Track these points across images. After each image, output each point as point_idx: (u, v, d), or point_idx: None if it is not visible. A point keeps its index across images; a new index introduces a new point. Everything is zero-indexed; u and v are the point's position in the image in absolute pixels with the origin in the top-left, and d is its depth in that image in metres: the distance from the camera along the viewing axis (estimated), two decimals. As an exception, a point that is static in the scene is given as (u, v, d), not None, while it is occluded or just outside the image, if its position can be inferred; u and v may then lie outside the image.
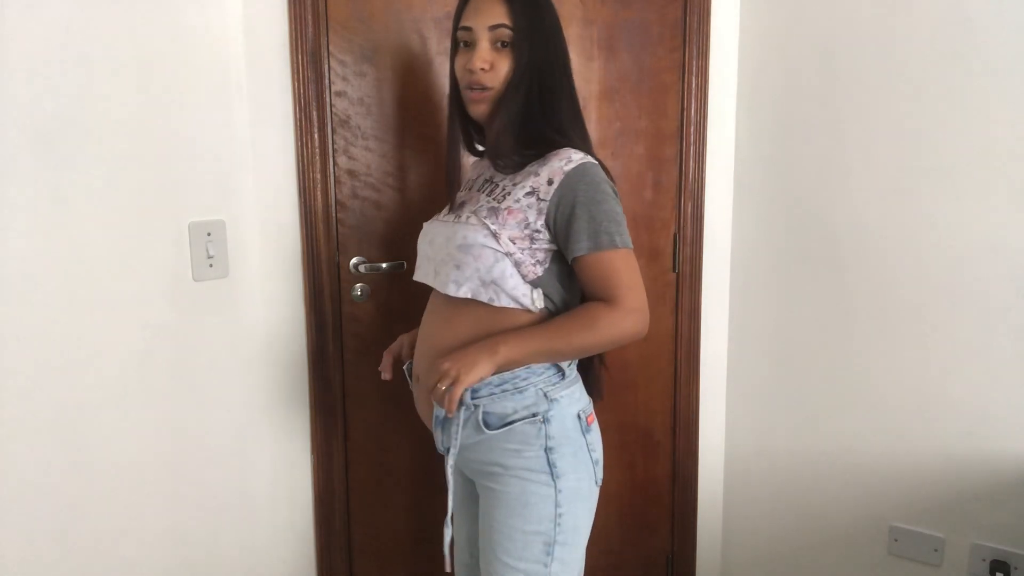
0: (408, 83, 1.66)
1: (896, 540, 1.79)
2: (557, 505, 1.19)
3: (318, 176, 1.60)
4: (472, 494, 1.31)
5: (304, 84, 1.56)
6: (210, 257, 1.48)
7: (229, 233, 1.51)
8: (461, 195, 1.29)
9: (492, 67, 1.17)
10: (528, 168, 1.19)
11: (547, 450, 1.17)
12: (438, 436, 1.22)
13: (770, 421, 1.97)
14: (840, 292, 1.80)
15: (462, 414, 1.16)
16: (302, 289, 1.64)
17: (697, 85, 1.85)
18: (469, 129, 1.30)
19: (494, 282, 1.14)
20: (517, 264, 1.15)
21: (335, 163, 1.62)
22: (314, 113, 1.57)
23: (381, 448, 1.76)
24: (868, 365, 1.78)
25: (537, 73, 1.19)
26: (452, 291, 1.16)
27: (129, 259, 1.36)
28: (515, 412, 1.16)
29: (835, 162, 1.77)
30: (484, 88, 1.18)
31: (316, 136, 1.58)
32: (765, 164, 1.89)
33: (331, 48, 1.58)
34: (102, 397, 1.35)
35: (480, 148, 1.33)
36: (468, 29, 1.18)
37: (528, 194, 1.15)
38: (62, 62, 1.25)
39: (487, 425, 1.17)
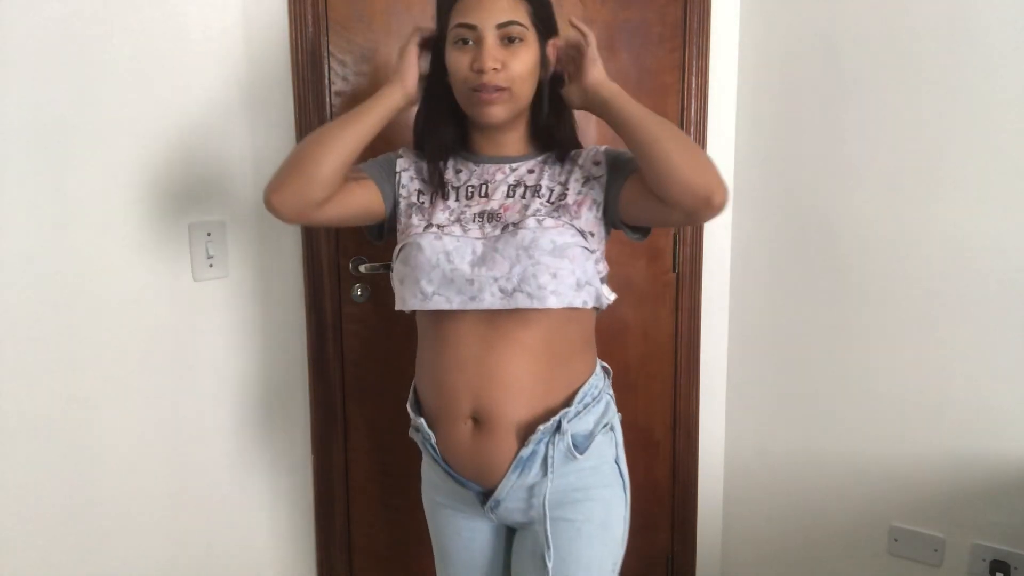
0: (408, 83, 1.66)
1: (896, 540, 1.79)
2: (625, 520, 1.17)
3: (318, 176, 1.60)
4: (499, 547, 1.21)
5: (304, 84, 1.56)
6: (210, 257, 1.48)
7: (229, 233, 1.51)
8: (470, 203, 1.15)
9: (504, 66, 1.08)
10: (562, 166, 1.17)
11: (616, 459, 1.14)
12: (510, 482, 1.09)
13: (770, 421, 1.97)
14: (840, 292, 1.80)
15: (555, 444, 1.07)
16: (302, 289, 1.64)
17: (697, 85, 1.85)
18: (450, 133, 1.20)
19: (588, 283, 1.09)
20: (596, 261, 1.13)
21: (335, 163, 1.62)
22: (314, 113, 1.57)
23: (381, 448, 1.76)
24: (868, 365, 1.78)
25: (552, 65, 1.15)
26: (553, 303, 1.05)
27: (129, 259, 1.36)
28: (595, 426, 1.11)
29: (835, 162, 1.77)
30: (498, 89, 1.08)
31: (316, 136, 1.58)
32: (765, 164, 1.89)
33: (331, 48, 1.58)
34: (102, 397, 1.35)
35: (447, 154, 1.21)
36: (471, 27, 1.08)
37: (586, 182, 1.14)
38: (62, 62, 1.25)
39: (577, 448, 1.09)
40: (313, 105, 1.57)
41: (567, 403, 1.10)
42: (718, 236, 1.96)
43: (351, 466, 1.75)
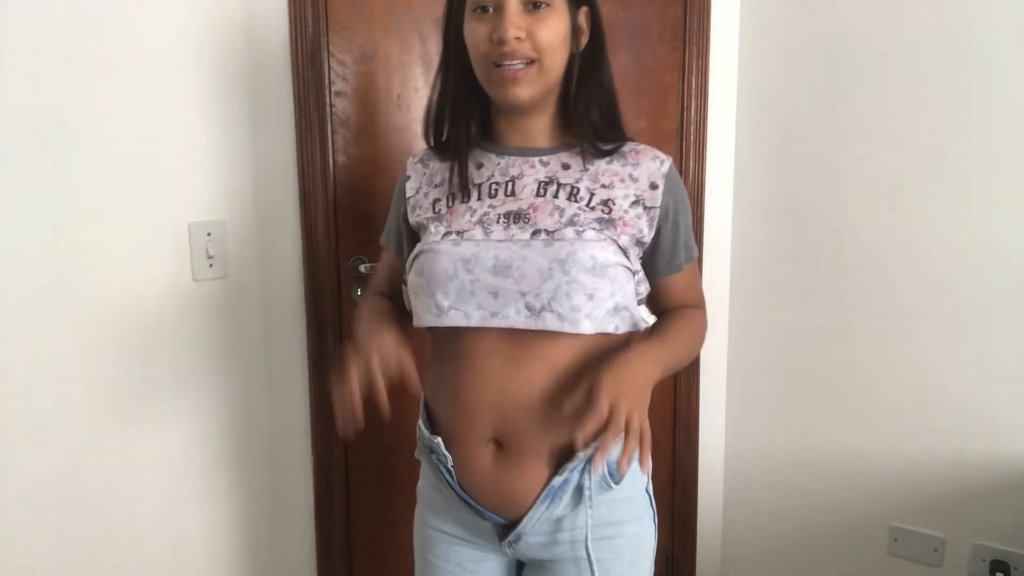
0: (408, 83, 1.66)
1: (896, 540, 1.79)
2: (653, 551, 1.08)
3: (318, 176, 1.60)
4: None
5: (304, 84, 1.56)
6: (210, 257, 1.48)
7: (229, 233, 1.51)
8: (494, 203, 0.99)
9: (528, 35, 0.92)
10: (606, 166, 1.00)
11: (647, 488, 1.04)
12: (537, 514, 0.96)
13: (770, 421, 1.97)
14: (840, 292, 1.80)
15: (591, 472, 0.94)
16: (302, 289, 1.64)
17: (697, 85, 1.85)
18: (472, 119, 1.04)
19: (626, 307, 0.96)
20: (638, 283, 0.99)
21: (335, 163, 1.62)
22: (314, 113, 1.57)
23: (381, 448, 1.76)
24: (868, 365, 1.78)
25: (590, 35, 1.01)
26: (586, 328, 0.91)
27: (129, 259, 1.36)
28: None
29: (835, 162, 1.77)
30: (525, 62, 0.93)
31: (316, 136, 1.58)
32: (765, 164, 1.89)
33: (331, 48, 1.58)
34: (102, 397, 1.35)
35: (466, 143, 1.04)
36: None
37: (634, 203, 0.98)
38: (62, 62, 1.25)
39: (612, 477, 0.97)
40: (313, 105, 1.57)
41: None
42: (718, 236, 1.96)
43: (351, 466, 1.75)
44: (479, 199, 1.00)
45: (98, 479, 1.36)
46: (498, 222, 0.97)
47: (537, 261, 0.92)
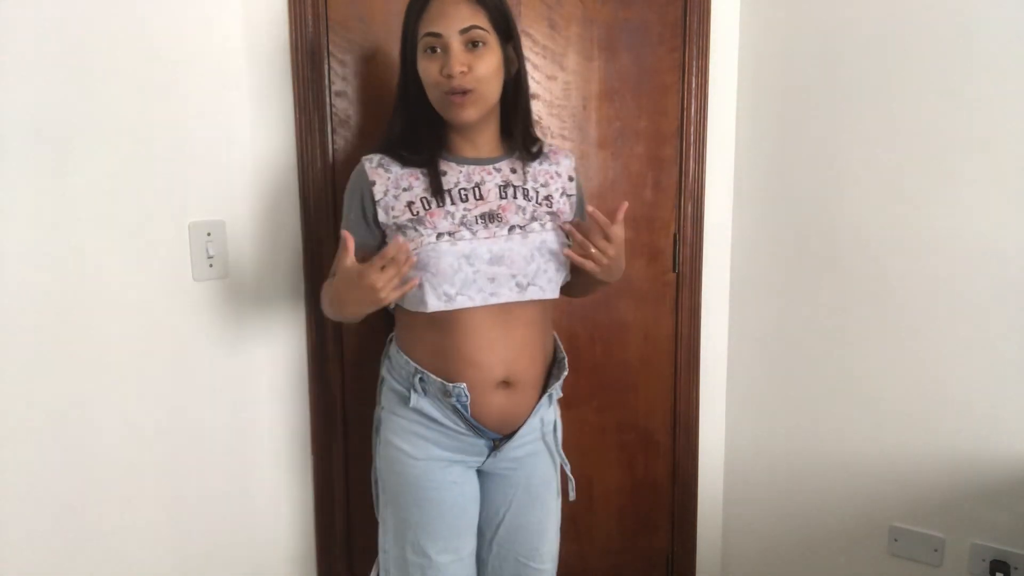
0: (408, 83, 1.66)
1: (896, 540, 1.79)
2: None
3: (318, 176, 1.60)
4: (477, 490, 1.39)
5: (304, 84, 1.56)
6: (210, 257, 1.48)
7: (229, 233, 1.51)
8: (468, 207, 1.25)
9: (470, 69, 1.18)
10: (538, 167, 1.33)
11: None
12: (531, 424, 1.33)
13: (770, 421, 1.97)
14: (840, 292, 1.80)
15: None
16: (302, 289, 1.64)
17: (697, 85, 1.85)
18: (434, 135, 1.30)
19: (564, 274, 1.33)
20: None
21: (335, 163, 1.62)
22: (314, 113, 1.57)
23: (381, 448, 1.76)
24: (868, 365, 1.78)
25: (516, 65, 1.27)
26: (554, 293, 1.29)
27: (129, 259, 1.36)
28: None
29: (835, 162, 1.77)
30: (465, 91, 1.19)
31: (316, 136, 1.58)
32: (765, 164, 1.89)
33: (331, 48, 1.58)
34: (102, 397, 1.35)
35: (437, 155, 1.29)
36: (437, 35, 1.18)
37: (562, 195, 1.33)
38: (62, 62, 1.25)
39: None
40: (313, 105, 1.57)
41: (555, 353, 1.39)
42: (718, 236, 1.96)
43: (351, 466, 1.75)
44: (453, 203, 1.24)
45: (97, 479, 1.36)
46: (478, 222, 1.24)
47: (521, 250, 1.24)
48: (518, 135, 1.31)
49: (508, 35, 1.24)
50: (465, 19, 1.18)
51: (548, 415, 1.39)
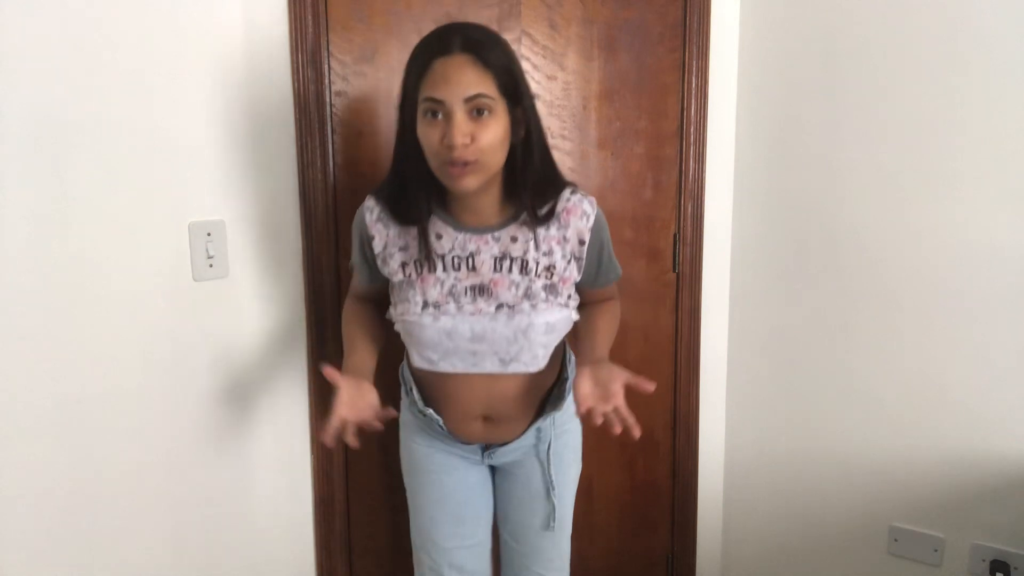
0: (408, 83, 1.66)
1: (896, 540, 1.79)
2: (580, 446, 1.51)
3: (318, 176, 1.60)
4: (488, 483, 1.43)
5: (304, 84, 1.56)
6: (210, 257, 1.48)
7: (229, 233, 1.51)
8: (459, 276, 1.21)
9: (473, 140, 1.09)
10: (545, 232, 1.22)
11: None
12: (525, 441, 1.33)
13: (770, 421, 1.97)
14: (840, 292, 1.80)
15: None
16: (302, 289, 1.64)
17: (697, 85, 1.85)
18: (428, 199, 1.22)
19: (553, 347, 1.28)
20: (573, 309, 1.29)
21: (335, 163, 1.62)
22: (314, 113, 1.57)
23: (381, 448, 1.75)
24: (868, 365, 1.78)
25: (525, 127, 1.17)
26: (543, 365, 1.26)
27: (129, 259, 1.36)
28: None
29: (835, 162, 1.77)
30: (466, 163, 1.10)
31: (316, 136, 1.58)
32: (765, 164, 1.89)
33: (331, 48, 1.58)
34: (102, 397, 1.35)
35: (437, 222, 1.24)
36: (440, 102, 1.09)
37: (569, 262, 1.23)
38: (62, 62, 1.25)
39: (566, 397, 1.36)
40: (313, 105, 1.57)
41: (560, 372, 1.35)
42: (718, 236, 1.96)
43: (351, 466, 1.75)
44: (444, 271, 1.21)
45: (98, 479, 1.36)
46: (466, 295, 1.20)
47: (503, 331, 1.21)
48: (525, 198, 1.20)
49: (517, 99, 1.14)
50: (471, 86, 1.08)
51: (547, 432, 1.36)
